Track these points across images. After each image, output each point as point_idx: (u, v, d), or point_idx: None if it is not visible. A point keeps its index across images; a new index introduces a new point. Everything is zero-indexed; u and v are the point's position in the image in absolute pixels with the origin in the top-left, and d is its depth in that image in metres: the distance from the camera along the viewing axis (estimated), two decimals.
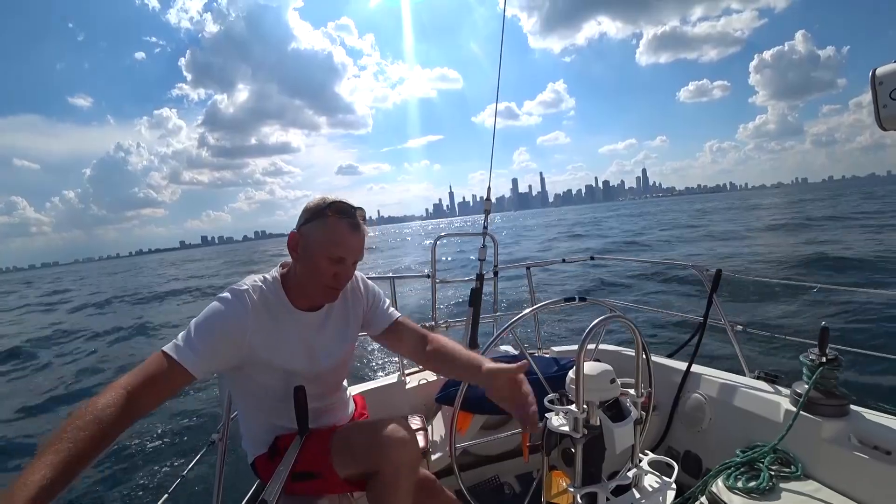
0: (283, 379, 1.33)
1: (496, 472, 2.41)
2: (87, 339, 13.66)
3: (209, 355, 1.15)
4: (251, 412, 1.43)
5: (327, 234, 1.26)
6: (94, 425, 0.90)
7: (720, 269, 2.29)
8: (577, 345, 1.27)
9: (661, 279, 11.08)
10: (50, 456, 0.82)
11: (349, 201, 1.31)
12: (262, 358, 1.27)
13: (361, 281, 1.54)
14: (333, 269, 1.28)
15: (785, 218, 29.05)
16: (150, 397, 1.04)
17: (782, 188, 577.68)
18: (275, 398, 1.36)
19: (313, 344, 1.38)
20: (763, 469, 1.57)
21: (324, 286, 1.30)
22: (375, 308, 1.54)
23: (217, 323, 1.19)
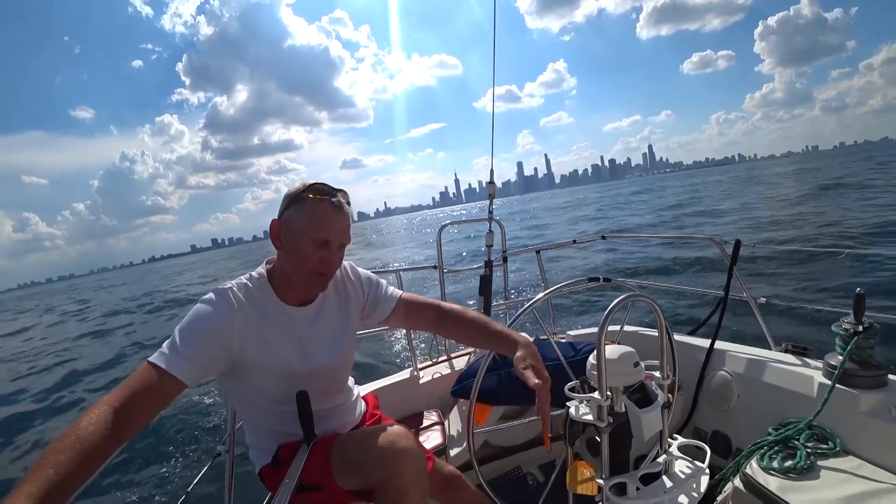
0: (279, 381, 1.27)
1: (518, 464, 2.35)
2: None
3: (197, 360, 1.10)
4: (253, 421, 1.38)
5: (309, 217, 1.20)
6: (77, 448, 0.83)
7: (739, 241, 2.20)
8: (595, 328, 1.19)
9: (678, 255, 10.89)
10: (28, 485, 0.75)
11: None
12: (253, 359, 1.21)
13: (351, 271, 1.47)
14: (319, 253, 1.21)
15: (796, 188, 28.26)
16: (140, 412, 0.98)
17: (792, 157, 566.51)
18: (273, 403, 1.29)
19: (306, 340, 1.30)
20: (799, 447, 1.49)
21: (310, 272, 1.23)
22: (376, 294, 1.48)
23: (202, 325, 1.14)
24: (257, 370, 1.23)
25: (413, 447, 1.21)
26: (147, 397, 1.00)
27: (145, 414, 0.99)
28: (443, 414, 2.29)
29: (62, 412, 8.09)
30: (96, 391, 9.02)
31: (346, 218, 1.24)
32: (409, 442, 1.22)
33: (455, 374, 2.51)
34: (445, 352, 2.80)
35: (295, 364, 1.27)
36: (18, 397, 9.60)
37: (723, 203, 25.95)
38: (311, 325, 1.33)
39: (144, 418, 0.99)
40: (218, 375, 1.22)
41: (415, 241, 42.43)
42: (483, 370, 1.44)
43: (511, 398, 2.08)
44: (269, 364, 1.23)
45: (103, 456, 0.87)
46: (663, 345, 1.35)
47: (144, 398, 0.99)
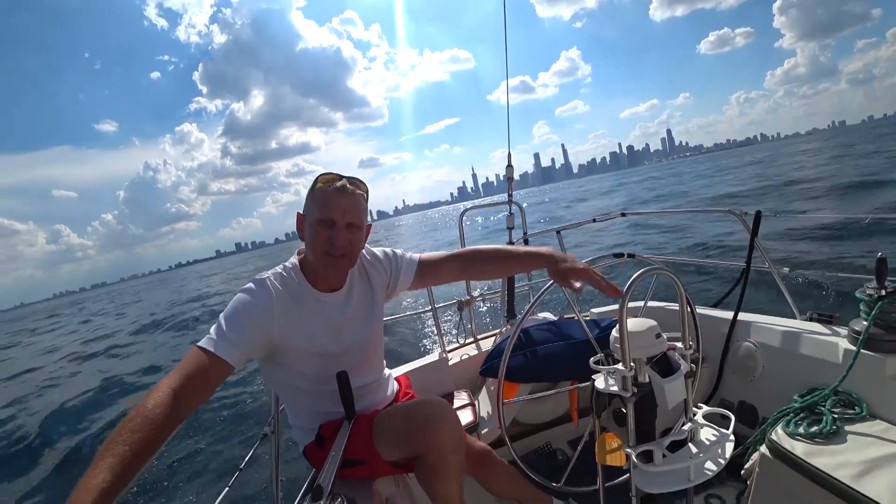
0: (316, 363, 1.35)
1: (548, 440, 2.41)
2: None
3: (242, 343, 1.18)
4: (294, 402, 1.47)
5: (315, 202, 1.29)
6: (146, 426, 0.92)
7: (759, 211, 2.19)
8: (618, 304, 1.23)
9: (700, 228, 10.74)
10: (108, 459, 0.85)
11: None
12: (291, 342, 1.29)
13: (369, 254, 1.54)
14: (326, 233, 1.28)
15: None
16: (195, 393, 1.07)
17: (817, 134, 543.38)
18: (313, 384, 1.38)
19: (338, 323, 1.39)
20: (825, 412, 1.51)
21: (322, 254, 1.30)
22: (397, 266, 1.55)
23: (244, 311, 1.23)
24: (296, 353, 1.31)
25: (451, 416, 1.29)
26: (200, 379, 1.09)
27: (199, 395, 1.09)
28: (473, 394, 2.36)
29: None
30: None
31: (352, 198, 1.30)
32: (447, 411, 1.30)
33: (482, 354, 2.56)
34: (472, 333, 2.86)
35: (329, 346, 1.36)
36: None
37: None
38: (342, 309, 1.41)
39: (199, 399, 1.08)
40: (260, 359, 1.31)
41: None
42: (510, 348, 1.49)
43: (538, 376, 2.13)
44: (305, 347, 1.31)
45: (167, 434, 0.97)
46: (684, 316, 1.37)
47: (198, 380, 1.08)
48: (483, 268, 1.57)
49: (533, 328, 2.21)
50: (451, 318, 3.77)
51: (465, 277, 1.67)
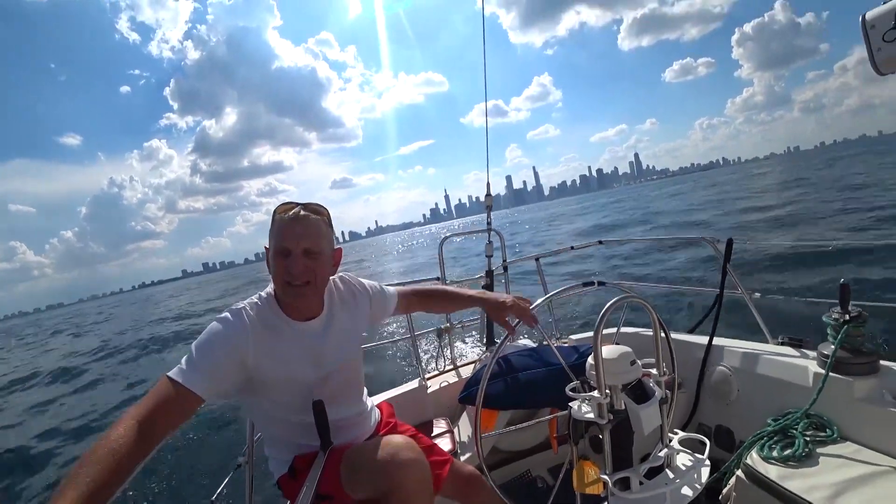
0: (294, 392, 1.32)
1: (528, 467, 2.38)
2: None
3: (213, 374, 1.16)
4: (270, 433, 1.44)
5: (272, 233, 1.30)
6: (110, 458, 0.90)
7: (731, 239, 2.26)
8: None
9: (674, 255, 10.96)
10: (70, 492, 0.82)
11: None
12: (267, 372, 1.27)
13: (355, 281, 1.59)
14: (283, 263, 1.27)
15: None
16: (162, 425, 1.03)
17: (774, 158, 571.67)
18: (290, 413, 1.35)
19: (317, 351, 1.37)
20: (797, 435, 1.54)
21: (283, 284, 1.29)
22: (381, 297, 1.64)
23: (217, 342, 1.20)
24: (272, 384, 1.28)
25: (416, 458, 1.26)
26: (167, 411, 1.06)
27: (167, 426, 1.05)
28: (452, 421, 2.33)
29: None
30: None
31: (307, 225, 1.28)
32: (413, 453, 1.26)
33: (462, 381, 2.55)
34: (452, 360, 2.85)
35: (307, 375, 1.33)
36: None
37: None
38: (321, 337, 1.39)
39: (166, 431, 1.04)
40: (235, 391, 1.27)
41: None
42: (487, 376, 1.49)
43: (517, 403, 2.12)
44: (282, 377, 1.29)
45: (133, 466, 0.93)
46: (657, 342, 1.40)
47: (165, 412, 1.05)
48: (435, 305, 1.84)
49: (513, 355, 2.21)
50: (431, 346, 3.75)
51: (425, 310, 1.85)
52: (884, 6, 1.07)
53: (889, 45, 1.07)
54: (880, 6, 1.08)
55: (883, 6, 1.08)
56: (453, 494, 1.55)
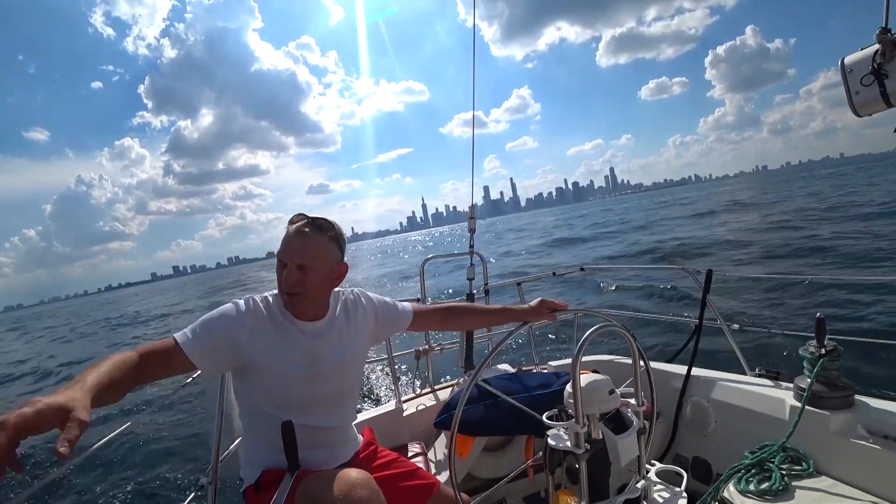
0: (285, 383, 1.36)
1: (503, 495, 2.33)
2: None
3: (207, 348, 1.27)
4: (253, 430, 1.45)
5: (282, 242, 1.38)
6: (112, 366, 1.04)
7: (710, 270, 2.28)
8: None
9: (654, 285, 11.08)
10: (79, 383, 0.93)
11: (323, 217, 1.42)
12: (262, 359, 1.33)
13: (363, 296, 1.62)
14: (282, 273, 1.36)
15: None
16: (154, 367, 1.18)
17: (743, 176, 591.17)
18: (278, 407, 1.36)
19: (312, 350, 1.41)
20: (774, 469, 1.53)
21: (281, 291, 1.39)
22: (390, 314, 1.65)
23: (219, 320, 1.32)
24: (265, 370, 1.34)
25: (370, 497, 1.21)
26: (162, 360, 1.21)
27: (156, 370, 1.19)
28: (427, 445, 2.28)
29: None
30: None
31: (307, 241, 1.36)
32: (367, 492, 1.21)
33: (439, 405, 2.50)
34: (429, 383, 2.80)
35: (301, 367, 1.37)
36: None
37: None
38: (319, 337, 1.43)
39: (155, 374, 1.19)
40: (229, 369, 1.38)
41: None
42: (463, 401, 1.45)
43: (494, 429, 2.09)
44: (276, 363, 1.34)
45: (127, 380, 1.08)
46: (637, 372, 1.39)
47: (160, 360, 1.20)
48: (464, 321, 1.89)
49: (491, 379, 2.18)
50: (408, 367, 3.69)
51: (447, 328, 1.89)
52: (861, 52, 1.11)
53: (866, 88, 1.10)
54: (858, 52, 1.12)
55: (860, 52, 1.11)
56: None
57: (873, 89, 1.10)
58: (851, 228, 14.92)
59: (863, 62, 1.11)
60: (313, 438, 1.41)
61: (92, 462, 5.82)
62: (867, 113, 1.16)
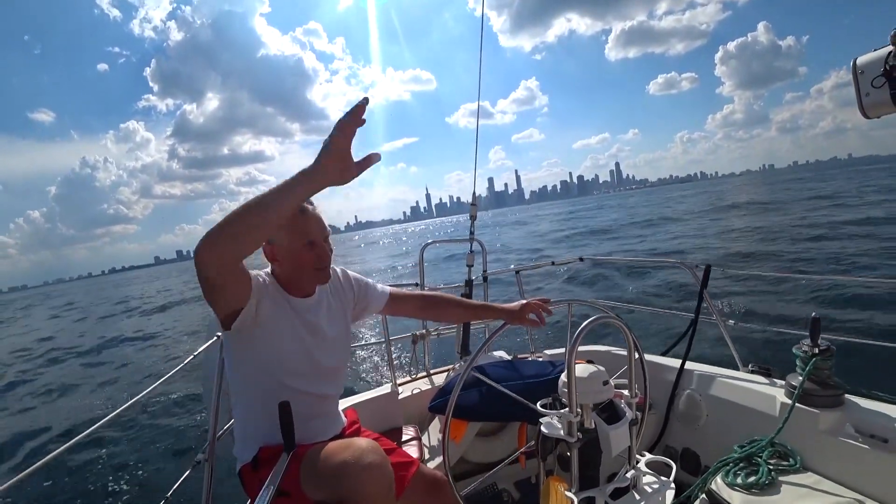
0: (286, 345, 1.41)
1: (494, 480, 2.37)
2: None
3: (253, 281, 1.32)
4: (248, 405, 1.45)
5: (297, 227, 1.40)
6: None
7: (709, 265, 2.29)
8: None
9: (653, 277, 11.11)
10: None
11: (325, 208, 1.48)
12: (269, 317, 1.37)
13: (342, 274, 1.67)
14: (312, 253, 1.42)
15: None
16: (243, 266, 1.24)
17: (749, 175, 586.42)
18: (276, 373, 1.40)
19: (312, 321, 1.48)
20: (761, 464, 1.56)
21: (312, 271, 1.44)
22: (366, 292, 1.69)
23: (253, 275, 1.37)
24: (269, 334, 1.38)
25: (380, 462, 1.23)
26: (244, 271, 1.26)
27: (242, 278, 1.26)
28: (421, 429, 2.31)
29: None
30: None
31: (315, 214, 1.44)
32: (377, 457, 1.24)
33: (434, 389, 2.53)
34: (425, 368, 2.82)
35: (300, 335, 1.43)
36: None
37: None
38: (315, 311, 1.51)
39: (241, 278, 1.26)
40: (247, 327, 1.36)
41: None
42: (459, 386, 1.47)
43: (488, 414, 2.11)
44: (278, 329, 1.40)
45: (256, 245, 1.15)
46: (631, 364, 1.40)
47: (244, 269, 1.26)
48: (443, 312, 1.81)
49: (487, 366, 2.20)
50: (405, 351, 3.71)
51: (423, 316, 1.92)
52: (874, 53, 1.10)
53: (877, 90, 1.09)
54: (870, 53, 1.11)
55: (873, 53, 1.11)
56: (417, 499, 1.52)
57: (884, 91, 1.09)
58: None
59: (875, 63, 1.10)
60: (311, 407, 1.45)
61: (89, 443, 5.88)
62: (876, 115, 1.15)
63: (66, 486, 5.18)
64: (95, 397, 9.12)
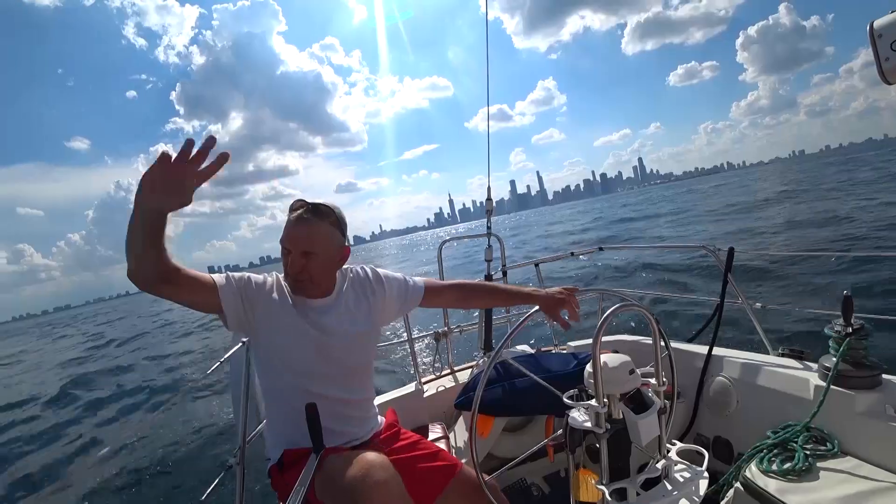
0: (296, 344, 1.41)
1: (523, 475, 2.36)
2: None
3: (237, 288, 1.36)
4: (272, 408, 1.50)
5: (284, 228, 1.43)
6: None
7: (732, 248, 2.24)
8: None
9: (675, 263, 10.92)
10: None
11: (350, 218, 1.49)
12: (274, 325, 1.40)
13: (372, 272, 1.65)
14: (286, 259, 1.42)
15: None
16: (183, 286, 1.25)
17: (779, 162, 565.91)
18: (293, 372, 1.42)
19: (321, 322, 1.46)
20: (797, 449, 1.52)
21: (286, 275, 1.46)
22: (401, 290, 1.66)
23: (250, 280, 1.42)
24: (277, 336, 1.41)
25: (387, 480, 1.23)
26: (192, 285, 1.28)
27: (179, 289, 1.25)
28: (447, 426, 2.31)
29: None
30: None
31: (308, 227, 1.39)
32: (385, 474, 1.23)
33: (459, 386, 2.53)
34: (449, 364, 2.82)
35: (308, 336, 1.43)
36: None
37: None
38: (327, 312, 1.48)
39: (176, 291, 1.25)
40: (243, 328, 1.42)
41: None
42: (484, 381, 1.47)
43: (514, 409, 2.10)
44: (285, 330, 1.41)
45: (158, 251, 1.15)
46: (657, 352, 1.38)
47: (191, 283, 1.27)
48: (480, 300, 1.87)
49: (510, 360, 2.20)
50: (428, 349, 3.73)
51: (462, 306, 1.87)
52: (892, 15, 1.06)
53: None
54: (889, 15, 1.07)
55: (891, 15, 1.06)
56: (457, 500, 1.50)
57: None
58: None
59: (894, 26, 1.05)
60: (328, 409, 1.42)
61: (124, 446, 6.04)
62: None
63: (105, 486, 5.32)
64: (130, 404, 9.32)
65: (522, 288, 1.74)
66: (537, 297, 1.63)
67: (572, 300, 1.59)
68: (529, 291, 1.69)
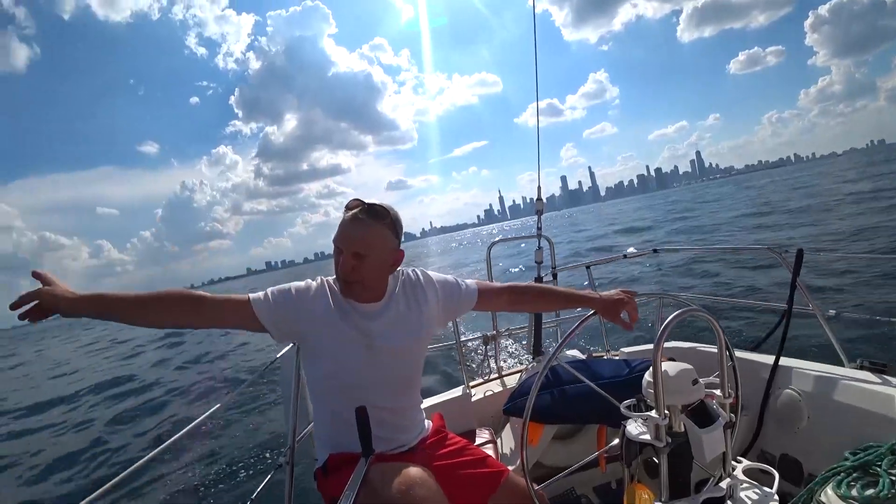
0: (342, 353, 1.40)
1: (572, 485, 2.29)
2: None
3: (276, 311, 1.36)
4: (319, 412, 1.52)
5: (338, 227, 1.41)
6: (152, 295, 1.25)
7: (801, 250, 2.09)
8: (650, 344, 1.16)
9: (736, 267, 10.37)
10: (120, 294, 1.21)
11: (400, 215, 1.45)
12: (321, 334, 1.39)
13: (423, 276, 1.60)
14: (337, 258, 1.40)
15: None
16: (221, 313, 1.32)
17: (854, 154, 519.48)
18: (338, 379, 1.41)
19: (368, 328, 1.43)
20: (882, 474, 1.38)
21: (337, 276, 1.43)
22: (454, 293, 1.62)
23: (290, 291, 1.41)
24: (324, 345, 1.40)
25: (428, 497, 1.20)
26: (230, 308, 1.34)
27: (217, 317, 1.33)
28: (495, 432, 2.27)
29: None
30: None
31: (362, 228, 1.37)
32: (426, 491, 1.21)
33: (507, 391, 2.49)
34: (497, 370, 2.78)
35: (356, 345, 1.40)
36: None
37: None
38: (376, 318, 1.45)
39: (214, 320, 1.33)
40: (290, 339, 1.50)
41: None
42: (537, 387, 1.42)
43: (564, 417, 2.04)
44: (333, 339, 1.39)
45: (160, 313, 1.26)
46: (723, 361, 1.29)
47: (228, 308, 1.33)
48: (533, 303, 1.84)
49: (560, 366, 2.13)
50: (477, 353, 3.70)
51: (515, 309, 1.82)
52: None
53: None
54: None
55: None
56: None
57: None
58: None
59: None
60: (374, 417, 1.37)
61: (180, 444, 6.22)
62: None
63: (154, 489, 5.45)
64: (182, 403, 9.68)
65: (578, 291, 1.68)
66: (594, 300, 1.57)
67: (632, 302, 1.53)
68: (586, 294, 1.63)
